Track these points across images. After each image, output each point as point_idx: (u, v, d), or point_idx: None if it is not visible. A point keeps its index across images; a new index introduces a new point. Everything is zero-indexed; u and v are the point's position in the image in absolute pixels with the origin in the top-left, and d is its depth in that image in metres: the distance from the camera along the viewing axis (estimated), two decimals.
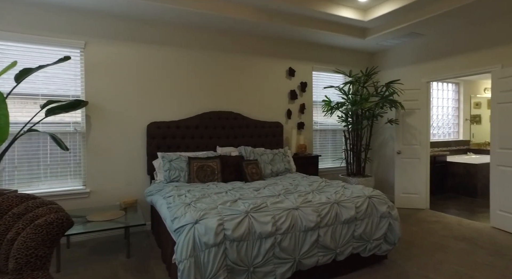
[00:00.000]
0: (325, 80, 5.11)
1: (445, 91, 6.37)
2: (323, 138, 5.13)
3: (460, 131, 6.54)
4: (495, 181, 3.65)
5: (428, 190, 4.53)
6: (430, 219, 4.01)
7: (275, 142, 4.46)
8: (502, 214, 3.57)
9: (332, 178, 5.12)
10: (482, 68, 3.86)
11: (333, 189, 2.88)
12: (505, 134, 3.52)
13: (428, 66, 4.52)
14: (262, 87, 4.51)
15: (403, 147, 4.58)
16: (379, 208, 2.62)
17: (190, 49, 4.00)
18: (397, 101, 4.28)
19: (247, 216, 2.13)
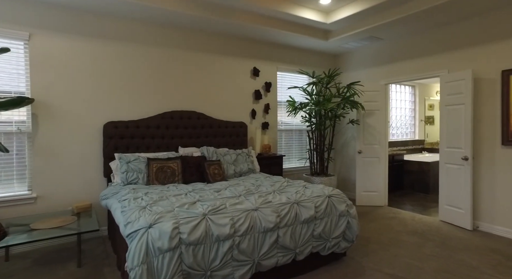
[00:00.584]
0: (290, 80, 5.16)
1: (402, 93, 6.71)
2: (288, 138, 5.18)
3: (416, 131, 6.93)
4: (443, 177, 3.90)
5: (386, 188, 4.74)
6: (387, 216, 4.19)
7: (239, 142, 4.42)
8: (449, 208, 3.82)
9: (297, 177, 5.19)
10: (432, 73, 4.10)
11: (294, 189, 2.90)
12: (451, 134, 3.77)
13: (386, 69, 4.73)
14: (226, 87, 4.45)
15: (364, 146, 4.75)
16: (338, 207, 2.68)
17: (152, 46, 3.85)
18: (358, 102, 4.43)
19: (204, 219, 2.07)
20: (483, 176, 3.61)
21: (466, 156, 3.58)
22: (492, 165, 3.53)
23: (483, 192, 3.61)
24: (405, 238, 3.35)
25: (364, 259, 2.82)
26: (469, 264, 2.74)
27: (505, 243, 3.21)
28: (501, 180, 3.46)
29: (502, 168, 3.45)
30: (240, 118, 4.60)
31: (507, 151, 3.42)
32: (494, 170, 3.52)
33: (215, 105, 4.36)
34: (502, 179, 3.45)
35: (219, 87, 4.39)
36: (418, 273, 2.57)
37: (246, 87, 4.64)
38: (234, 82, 4.52)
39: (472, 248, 3.08)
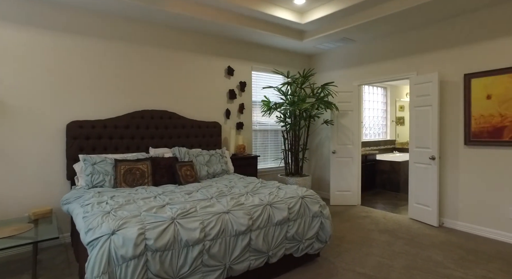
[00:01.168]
0: (265, 80, 5.13)
1: (375, 95, 6.90)
2: (263, 139, 5.15)
3: (387, 132, 7.15)
4: (413, 177, 4.02)
5: (359, 187, 4.83)
6: (360, 215, 4.27)
7: (213, 142, 4.32)
8: (417, 206, 3.95)
9: (271, 178, 5.17)
10: (402, 74, 4.22)
11: (268, 190, 2.86)
12: (420, 135, 3.90)
13: (359, 70, 4.82)
14: (200, 86, 4.34)
15: (338, 146, 4.81)
16: (312, 208, 2.66)
17: (122, 42, 3.66)
18: (332, 103, 4.48)
19: (173, 223, 1.97)
20: (448, 174, 3.76)
21: (433, 156, 3.71)
22: (456, 164, 3.69)
23: (448, 190, 3.76)
24: (377, 236, 3.42)
25: (337, 259, 2.83)
26: (435, 259, 2.83)
27: (466, 238, 3.36)
28: (463, 178, 3.62)
29: (465, 167, 3.61)
30: (214, 118, 4.50)
31: (469, 151, 3.58)
32: (458, 169, 3.67)
33: (188, 105, 4.24)
34: (464, 177, 3.61)
35: (193, 86, 4.27)
36: (388, 271, 2.61)
37: (220, 87, 4.55)
38: (208, 81, 4.42)
39: (437, 244, 3.19)
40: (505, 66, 3.30)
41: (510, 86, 3.26)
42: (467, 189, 3.60)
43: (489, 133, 3.42)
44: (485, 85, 3.44)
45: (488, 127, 3.42)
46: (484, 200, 3.47)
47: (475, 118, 3.52)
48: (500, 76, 3.33)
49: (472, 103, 3.53)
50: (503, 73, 3.31)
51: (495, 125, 3.37)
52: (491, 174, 3.41)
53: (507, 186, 3.29)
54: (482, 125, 3.47)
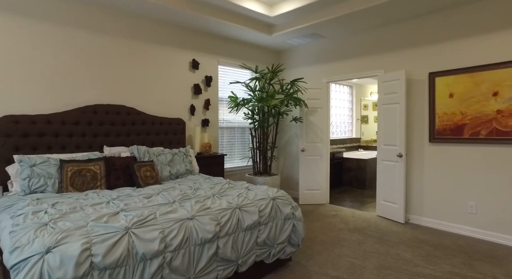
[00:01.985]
0: (232, 75, 4.90)
1: (341, 93, 6.96)
2: (230, 136, 4.92)
3: (353, 130, 7.26)
4: (380, 174, 4.05)
5: (328, 185, 4.79)
6: (330, 214, 4.21)
7: (176, 140, 4.01)
8: (385, 204, 3.98)
9: (239, 178, 4.97)
10: (370, 72, 4.23)
11: (236, 191, 2.64)
12: (388, 132, 3.92)
13: (327, 67, 4.77)
14: (162, 79, 4.00)
15: (307, 144, 4.73)
16: (283, 210, 2.50)
17: (74, 27, 3.22)
18: (301, 99, 4.37)
19: (127, 234, 1.69)
20: (414, 172, 3.82)
21: (401, 153, 3.74)
22: (421, 161, 3.75)
23: (414, 187, 3.82)
24: (347, 236, 3.35)
25: (309, 263, 2.70)
26: (404, 257, 2.81)
27: (431, 233, 3.42)
28: (428, 175, 3.69)
29: (429, 164, 3.68)
30: (178, 114, 4.18)
31: (433, 148, 3.65)
32: (423, 166, 3.74)
33: (149, 100, 3.88)
34: (429, 174, 3.68)
35: (154, 79, 3.92)
36: (361, 272, 2.53)
37: (184, 81, 4.24)
38: (171, 75, 4.09)
39: (405, 241, 3.20)
40: (465, 66, 3.39)
41: (470, 85, 3.36)
42: (431, 185, 3.67)
43: (451, 130, 3.50)
44: (448, 84, 3.52)
45: (450, 124, 3.51)
46: (446, 196, 3.56)
47: (439, 116, 3.59)
48: (461, 75, 3.42)
49: (436, 101, 3.60)
50: (463, 73, 3.40)
51: (456, 122, 3.46)
52: (452, 171, 3.50)
53: (466, 182, 3.40)
54: (445, 122, 3.55)
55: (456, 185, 3.48)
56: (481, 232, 3.30)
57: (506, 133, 3.14)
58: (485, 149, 3.28)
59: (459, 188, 3.46)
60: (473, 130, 3.35)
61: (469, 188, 3.39)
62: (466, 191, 3.41)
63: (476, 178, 3.34)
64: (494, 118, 3.22)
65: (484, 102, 3.28)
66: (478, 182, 3.33)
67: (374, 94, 7.91)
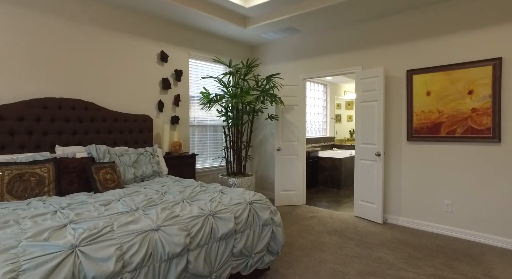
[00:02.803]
0: (204, 70, 4.60)
1: (316, 91, 6.88)
2: (202, 135, 4.61)
3: (327, 129, 7.22)
4: (358, 173, 3.95)
5: (304, 186, 4.64)
6: (307, 215, 4.05)
7: (142, 139, 3.64)
8: (363, 204, 3.89)
9: (212, 179, 4.68)
10: (348, 69, 4.13)
11: (209, 195, 2.37)
12: (366, 131, 3.83)
13: (304, 63, 4.62)
14: (126, 72, 3.61)
15: (283, 143, 4.54)
16: (262, 215, 2.27)
17: (22, 8, 2.76)
18: (278, 96, 4.17)
19: (73, 254, 1.37)
20: (392, 171, 3.76)
21: (379, 152, 3.66)
22: (399, 160, 3.70)
23: (391, 186, 3.76)
24: (327, 239, 3.20)
25: (289, 271, 2.49)
26: (386, 261, 2.70)
27: (409, 233, 3.36)
28: (405, 174, 3.65)
29: (407, 163, 3.64)
30: (144, 111, 3.81)
31: (411, 147, 3.61)
32: (401, 165, 3.69)
33: (112, 94, 3.48)
34: (406, 173, 3.64)
35: (117, 71, 3.52)
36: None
37: (152, 74, 3.88)
38: (136, 67, 3.71)
39: (386, 243, 3.11)
40: (441, 64, 3.37)
41: (446, 83, 3.34)
42: (409, 184, 3.63)
43: (428, 128, 3.47)
44: (425, 82, 3.48)
45: (427, 123, 3.48)
46: (423, 195, 3.52)
47: (416, 114, 3.55)
48: (437, 73, 3.39)
49: (414, 99, 3.56)
50: (440, 71, 3.38)
51: (433, 121, 3.43)
52: (429, 169, 3.48)
53: (443, 180, 3.38)
54: (422, 121, 3.51)
55: (433, 184, 3.46)
56: (457, 231, 3.29)
57: (480, 131, 3.15)
58: (460, 147, 3.27)
59: (436, 186, 3.44)
60: (449, 128, 3.33)
61: (446, 187, 3.37)
62: (442, 189, 3.39)
63: (452, 177, 3.33)
64: (469, 116, 3.21)
65: (460, 100, 3.27)
66: (454, 180, 3.32)
67: (347, 93, 7.93)
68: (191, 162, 3.96)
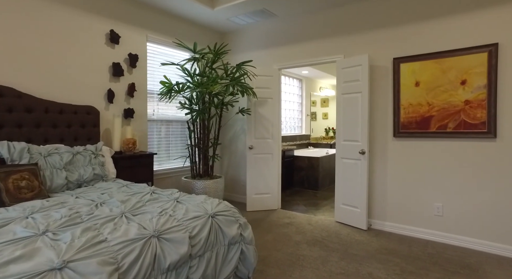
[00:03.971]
0: (166, 57, 3.98)
1: (291, 86, 6.46)
2: (165, 131, 3.99)
3: (303, 126, 6.83)
4: (340, 174, 3.54)
5: (280, 188, 4.17)
6: (283, 221, 3.58)
7: (85, 135, 2.98)
8: (345, 208, 3.48)
9: (174, 182, 4.07)
10: (328, 57, 3.71)
11: (160, 206, 1.81)
12: (348, 126, 3.43)
13: (280, 51, 4.14)
14: (64, 52, 2.93)
15: (256, 141, 4.04)
16: (228, 231, 1.74)
17: None
18: (250, 87, 3.66)
19: None
20: (376, 171, 3.38)
21: (363, 150, 3.27)
22: (385, 159, 3.33)
23: (376, 188, 3.39)
24: (307, 251, 2.74)
25: None
26: (378, 278, 2.28)
27: (398, 241, 2.99)
28: (391, 174, 3.28)
29: (393, 161, 3.27)
30: (89, 101, 3.15)
31: (397, 143, 3.25)
32: (386, 164, 3.32)
33: (43, 78, 2.79)
34: (392, 173, 3.27)
35: (52, 51, 2.84)
36: None
37: (99, 57, 3.21)
38: (78, 47, 3.04)
39: (373, 253, 2.70)
40: (431, 51, 3.03)
41: (436, 72, 3.01)
42: (395, 186, 3.27)
43: (417, 123, 3.12)
44: (413, 71, 3.13)
45: (416, 116, 3.13)
46: (411, 197, 3.17)
47: (404, 107, 3.19)
48: (427, 61, 3.05)
49: (401, 91, 3.20)
50: (430, 58, 3.04)
51: (423, 114, 3.09)
52: (418, 168, 3.13)
53: (433, 180, 3.04)
54: (410, 114, 3.16)
55: (422, 185, 3.11)
56: (448, 237, 2.96)
57: (474, 125, 2.83)
58: (452, 143, 2.95)
59: (425, 187, 3.10)
60: (440, 123, 3.00)
61: (436, 188, 3.04)
62: (432, 191, 3.06)
63: (442, 176, 3.00)
64: (462, 109, 2.89)
65: (452, 92, 2.94)
66: (445, 180, 2.99)
67: (323, 89, 7.61)
68: (148, 163, 3.34)
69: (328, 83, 7.86)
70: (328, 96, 7.69)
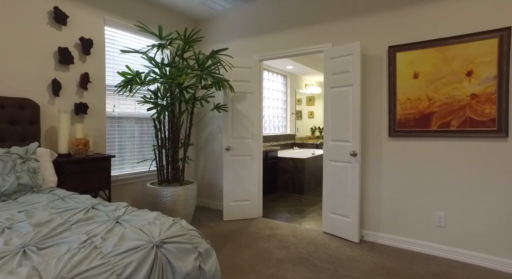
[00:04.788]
0: (130, 45, 3.44)
1: (275, 83, 6.02)
2: (130, 130, 3.45)
3: (287, 125, 6.40)
4: (328, 179, 3.11)
5: (261, 194, 3.71)
6: (264, 234, 3.11)
7: (18, 135, 2.42)
8: (333, 217, 3.06)
9: (139, 190, 3.53)
10: (315, 46, 3.27)
11: (89, 231, 1.31)
12: (338, 124, 3.00)
13: (260, 40, 3.68)
14: None
15: (233, 141, 3.56)
16: (180, 266, 1.26)
17: None
18: (225, 79, 3.18)
19: None
20: (370, 175, 2.97)
21: (355, 151, 2.84)
22: (379, 161, 2.92)
23: (370, 194, 2.98)
24: (291, 273, 2.28)
25: None
26: None
27: (395, 256, 2.58)
28: (386, 179, 2.88)
29: (388, 164, 2.87)
30: (26, 92, 2.58)
31: (393, 144, 2.85)
32: (380, 167, 2.91)
33: None
34: (387, 178, 2.87)
35: None
36: None
37: (39, 40, 2.65)
38: (11, 26, 2.48)
39: (368, 274, 2.28)
40: (432, 38, 2.64)
41: (438, 62, 2.62)
42: (391, 192, 2.87)
43: (416, 121, 2.73)
44: (412, 61, 2.73)
45: (415, 113, 2.73)
46: (409, 205, 2.78)
47: (401, 103, 2.79)
48: (427, 50, 2.66)
49: (398, 84, 2.80)
50: (430, 46, 2.65)
51: (422, 110, 2.70)
52: (416, 173, 2.74)
53: (434, 187, 2.66)
54: (408, 111, 2.76)
55: (421, 191, 2.72)
56: (452, 251, 2.58)
57: (481, 123, 2.46)
58: (456, 144, 2.57)
59: (425, 194, 2.71)
60: (442, 120, 2.61)
61: (437, 195, 2.65)
62: (433, 198, 2.67)
63: (445, 182, 2.61)
64: (467, 104, 2.51)
65: (456, 84, 2.56)
66: (448, 186, 2.60)
67: (309, 86, 7.21)
68: (104, 167, 2.80)
69: (314, 80, 7.47)
70: (314, 93, 7.30)
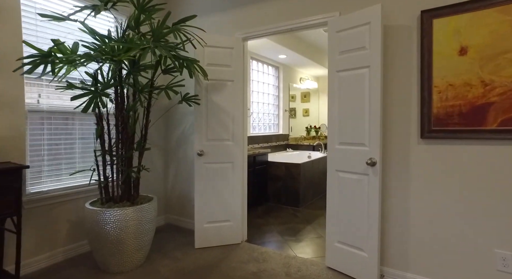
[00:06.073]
0: (60, 9, 2.55)
1: (265, 75, 5.18)
2: (62, 129, 2.56)
3: (280, 124, 5.56)
4: (334, 196, 2.28)
5: (245, 212, 2.86)
6: (247, 270, 2.26)
7: None
8: (342, 248, 2.23)
9: (74, 212, 2.63)
10: (315, 17, 2.43)
11: None
12: (348, 122, 2.17)
13: (244, 13, 2.82)
14: None
15: (208, 144, 2.70)
16: None
17: None
18: (194, 59, 2.31)
19: None
20: (394, 192, 2.15)
21: (373, 159, 2.01)
22: (406, 174, 2.10)
23: (393, 219, 2.15)
24: None
25: None
26: None
27: None
28: (416, 200, 2.06)
29: (421, 178, 2.04)
30: None
31: (427, 149, 2.03)
32: (409, 183, 2.09)
33: None
34: (419, 198, 2.05)
35: None
36: None
37: None
38: None
39: None
40: None
41: (501, 29, 1.80)
42: (425, 218, 2.04)
43: (462, 116, 1.91)
44: (457, 30, 1.91)
45: (461, 105, 1.91)
46: (453, 237, 1.96)
47: (439, 91, 1.97)
48: (483, 11, 1.84)
49: (435, 64, 1.98)
50: (487, 7, 1.83)
51: (473, 101, 1.88)
52: (465, 192, 1.92)
53: (492, 213, 1.84)
54: (451, 102, 1.94)
55: (473, 219, 1.91)
56: None
57: None
58: None
59: (479, 224, 1.89)
60: (505, 115, 1.80)
61: (498, 225, 1.83)
62: (491, 230, 1.85)
63: (510, 207, 1.80)
64: None
65: None
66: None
67: (304, 80, 6.38)
68: (9, 185, 1.91)
69: (310, 74, 6.66)
70: (309, 89, 6.48)
